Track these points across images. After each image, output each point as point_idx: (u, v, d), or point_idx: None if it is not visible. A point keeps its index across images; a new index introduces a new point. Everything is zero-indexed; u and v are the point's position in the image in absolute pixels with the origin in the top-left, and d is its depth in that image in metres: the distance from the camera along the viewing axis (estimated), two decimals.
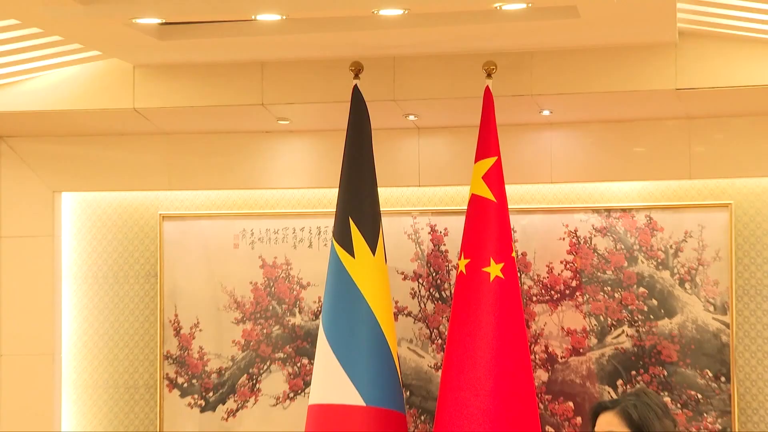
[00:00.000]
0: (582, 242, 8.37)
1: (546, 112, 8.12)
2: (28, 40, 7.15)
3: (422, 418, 8.46)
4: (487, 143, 7.57)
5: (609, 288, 8.32)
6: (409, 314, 8.58)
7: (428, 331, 8.56)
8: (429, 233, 8.60)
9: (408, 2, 6.44)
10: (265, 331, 8.77)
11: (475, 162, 7.62)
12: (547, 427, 8.27)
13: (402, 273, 8.56)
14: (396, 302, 8.30)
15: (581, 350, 8.36)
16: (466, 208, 7.69)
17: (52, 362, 8.87)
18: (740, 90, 7.48)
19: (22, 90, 8.10)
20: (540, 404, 8.01)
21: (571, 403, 8.35)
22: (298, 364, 8.67)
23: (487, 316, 7.49)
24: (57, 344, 8.93)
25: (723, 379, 8.15)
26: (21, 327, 8.90)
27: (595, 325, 8.34)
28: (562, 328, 8.37)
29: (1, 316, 8.90)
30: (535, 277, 8.41)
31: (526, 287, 8.30)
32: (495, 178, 7.57)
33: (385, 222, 7.89)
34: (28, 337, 8.89)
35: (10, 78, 8.00)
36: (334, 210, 7.79)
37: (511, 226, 7.69)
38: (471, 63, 7.64)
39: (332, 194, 7.96)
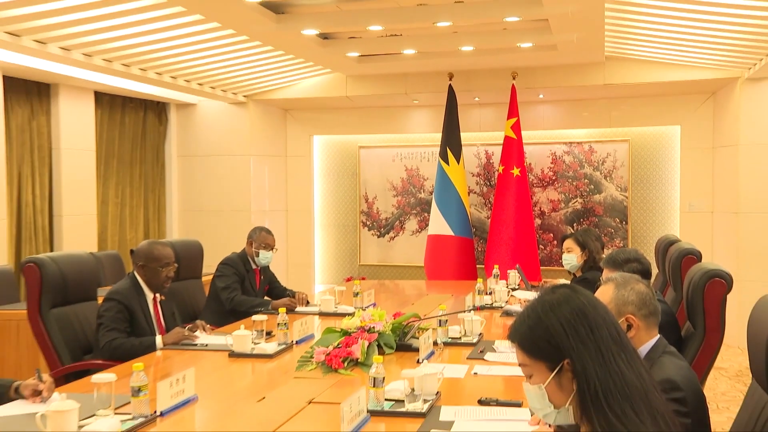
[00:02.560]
0: (558, 158, 8.36)
1: (541, 95, 8.11)
2: (298, 64, 7.33)
3: (481, 242, 8.48)
4: (513, 110, 7.65)
5: (570, 180, 8.33)
6: (475, 192, 8.62)
7: (483, 201, 8.62)
8: (484, 154, 8.61)
9: (476, 43, 6.54)
10: (406, 200, 8.86)
11: (507, 119, 7.70)
12: (540, 246, 8.30)
13: (471, 173, 8.57)
14: (468, 187, 8.28)
15: (557, 209, 8.40)
16: (502, 142, 7.77)
17: (310, 214, 9.10)
18: (637, 85, 7.44)
19: (297, 88, 8.24)
20: (537, 234, 8.05)
21: (551, 234, 8.41)
22: (422, 216, 8.76)
23: (512, 194, 7.64)
24: (311, 205, 9.12)
25: (624, 222, 8.19)
26: (298, 198, 9.07)
27: (563, 197, 8.36)
28: (548, 198, 8.41)
29: (287, 195, 9.09)
30: (536, 175, 8.41)
31: (531, 179, 8.30)
32: (516, 128, 7.65)
33: (464, 148, 7.99)
34: (299, 201, 9.07)
35: (292, 81, 8.14)
36: (440, 142, 7.91)
37: (524, 150, 7.76)
38: (505, 72, 7.68)
39: (438, 136, 7.99)
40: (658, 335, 2.40)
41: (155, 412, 2.59)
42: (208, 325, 4.22)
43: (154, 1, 4.94)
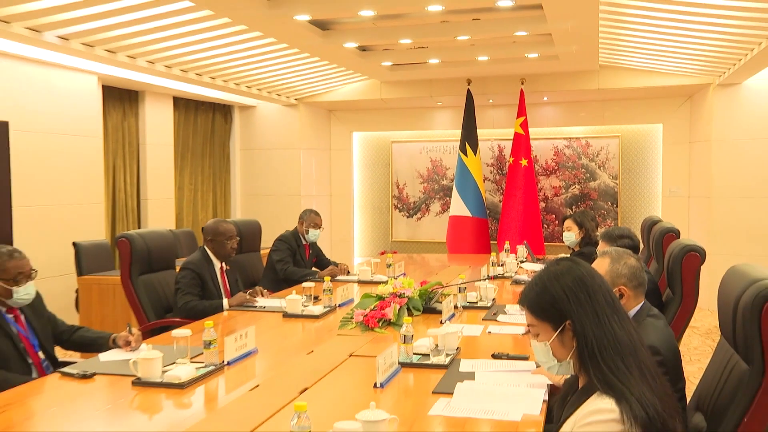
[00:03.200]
0: (559, 151, 8.24)
1: (545, 98, 7.98)
2: (338, 72, 7.28)
3: (494, 222, 8.40)
4: (521, 110, 7.55)
5: (569, 169, 8.22)
6: (489, 180, 8.52)
7: (496, 187, 8.53)
8: (497, 147, 8.51)
9: (490, 54, 6.45)
10: (431, 186, 8.80)
11: (516, 118, 7.60)
12: (544, 225, 8.21)
13: (486, 163, 8.47)
14: (483, 175, 8.19)
15: (558, 194, 8.30)
16: (512, 137, 7.68)
17: (350, 198, 9.08)
18: (626, 89, 7.30)
19: (339, 92, 8.20)
20: (541, 215, 7.90)
21: (554, 215, 8.31)
22: (445, 200, 8.71)
23: (520, 182, 7.55)
24: (351, 191, 9.08)
25: (615, 205, 8.07)
26: (340, 184, 9.06)
27: (563, 184, 8.26)
28: (551, 185, 8.31)
29: (331, 182, 9.08)
30: (540, 165, 8.30)
31: (537, 168, 8.20)
32: (524, 125, 7.56)
33: (480, 143, 7.89)
34: (341, 187, 9.04)
35: (335, 87, 8.10)
36: (459, 137, 7.82)
37: (531, 144, 7.65)
38: (515, 78, 7.57)
39: (458, 132, 7.91)
40: (644, 300, 2.40)
41: (223, 361, 2.62)
42: (266, 291, 4.25)
43: (221, 22, 4.97)
